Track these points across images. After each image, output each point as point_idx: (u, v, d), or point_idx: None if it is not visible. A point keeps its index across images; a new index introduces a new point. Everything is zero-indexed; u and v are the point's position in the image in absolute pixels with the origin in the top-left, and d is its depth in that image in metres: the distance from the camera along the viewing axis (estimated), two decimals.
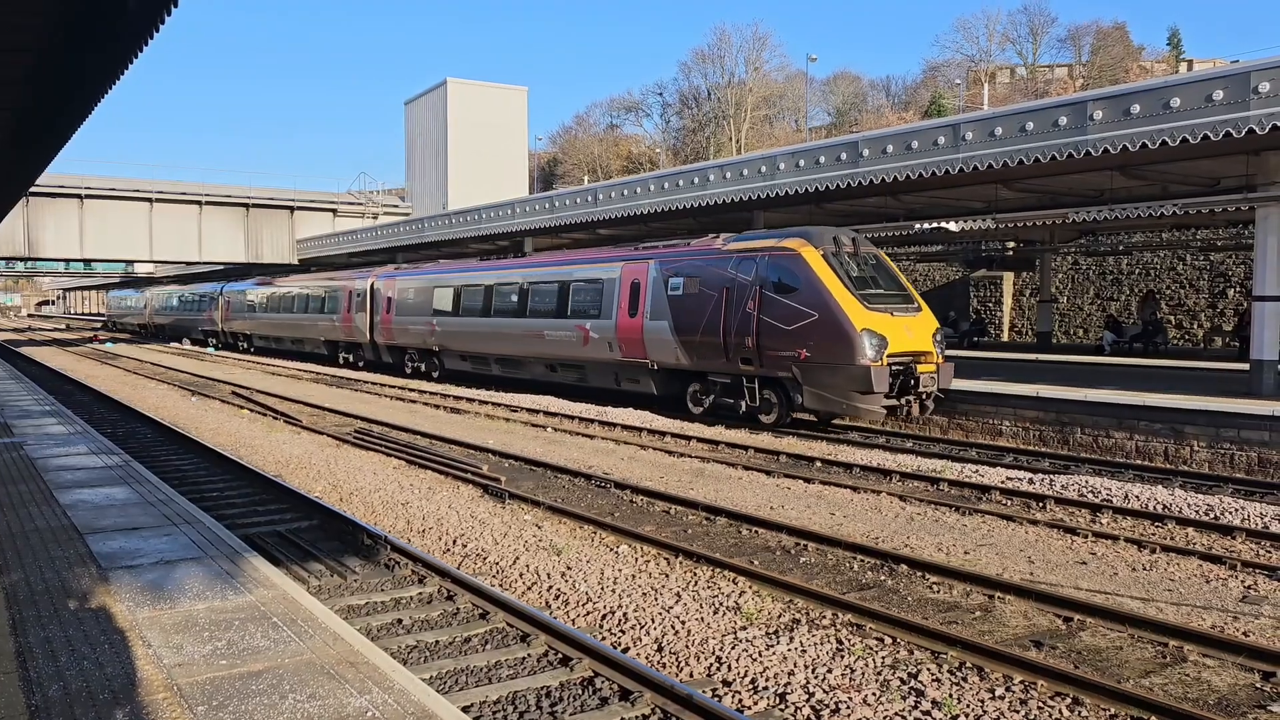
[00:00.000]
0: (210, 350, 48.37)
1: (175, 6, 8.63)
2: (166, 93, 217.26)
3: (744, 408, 18.30)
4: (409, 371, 30.85)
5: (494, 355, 26.05)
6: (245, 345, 47.84)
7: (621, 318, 20.67)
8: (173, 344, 55.60)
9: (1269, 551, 9.42)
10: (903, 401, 16.27)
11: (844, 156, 18.88)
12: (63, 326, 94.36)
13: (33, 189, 36.39)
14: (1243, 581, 8.44)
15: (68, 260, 51.76)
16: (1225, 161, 15.85)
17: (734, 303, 17.81)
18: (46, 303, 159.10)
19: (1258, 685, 6.20)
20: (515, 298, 24.58)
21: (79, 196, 41.33)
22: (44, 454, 12.47)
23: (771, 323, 17.05)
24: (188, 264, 51.76)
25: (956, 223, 21.72)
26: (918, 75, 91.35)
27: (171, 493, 9.96)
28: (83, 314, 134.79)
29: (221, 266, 51.47)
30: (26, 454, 12.45)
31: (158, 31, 9.28)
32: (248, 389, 26.26)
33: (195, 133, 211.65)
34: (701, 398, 19.40)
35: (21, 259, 46.55)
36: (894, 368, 16.03)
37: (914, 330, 16.71)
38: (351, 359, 35.70)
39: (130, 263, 60.73)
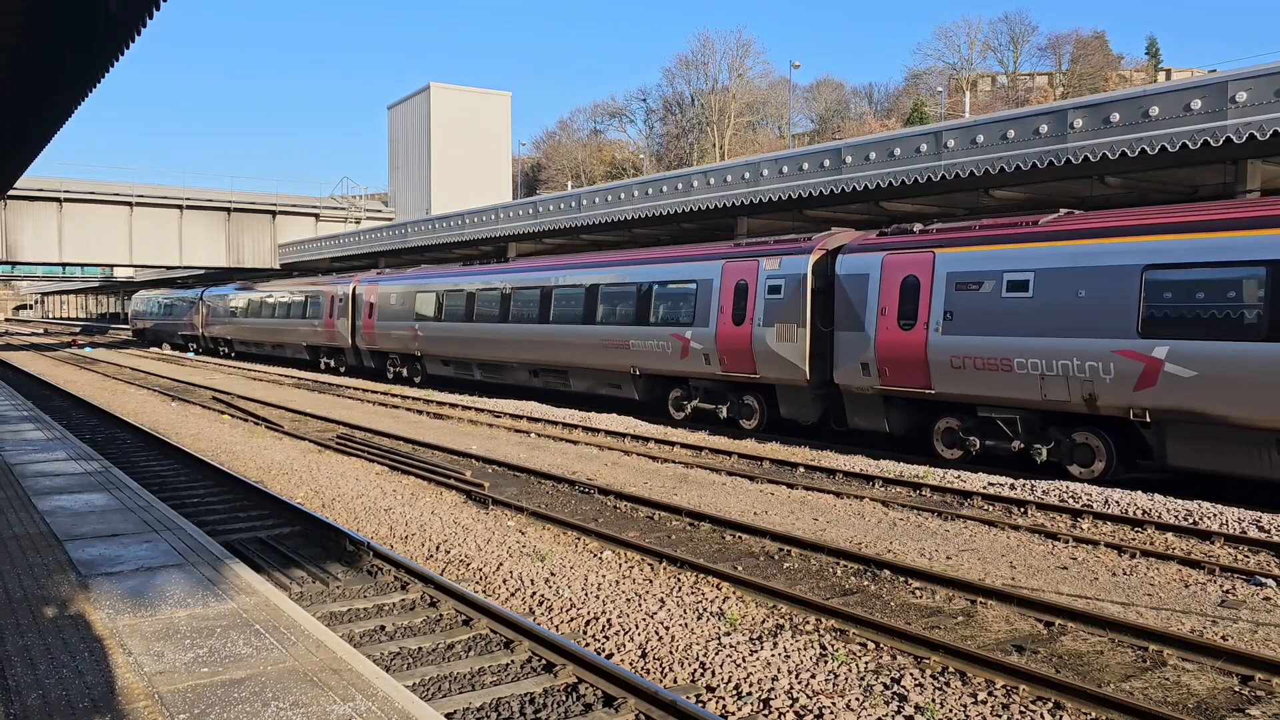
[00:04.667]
0: (190, 355, 47.69)
1: (157, 9, 8.60)
2: (147, 94, 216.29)
3: None
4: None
5: None
6: (401, 371, 30.90)
7: None
8: (152, 349, 54.67)
9: (1247, 556, 9.52)
10: None
11: (827, 163, 18.96)
12: (40, 331, 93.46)
13: (10, 192, 36.12)
14: (1221, 586, 8.53)
15: (46, 264, 51.35)
16: (1203, 170, 16.02)
17: None
18: (24, 307, 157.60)
19: (1236, 689, 6.26)
20: None
21: (58, 200, 41.03)
22: (22, 460, 12.34)
23: None
24: (168, 268, 51.32)
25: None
26: (900, 83, 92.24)
27: (152, 499, 9.88)
28: (61, 318, 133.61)
29: (202, 270, 51.10)
30: (4, 460, 12.32)
31: (139, 35, 9.25)
32: (228, 394, 26.09)
33: (176, 135, 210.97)
34: None
35: None
36: None
37: None
38: (730, 416, 18.49)
39: (110, 267, 60.36)
